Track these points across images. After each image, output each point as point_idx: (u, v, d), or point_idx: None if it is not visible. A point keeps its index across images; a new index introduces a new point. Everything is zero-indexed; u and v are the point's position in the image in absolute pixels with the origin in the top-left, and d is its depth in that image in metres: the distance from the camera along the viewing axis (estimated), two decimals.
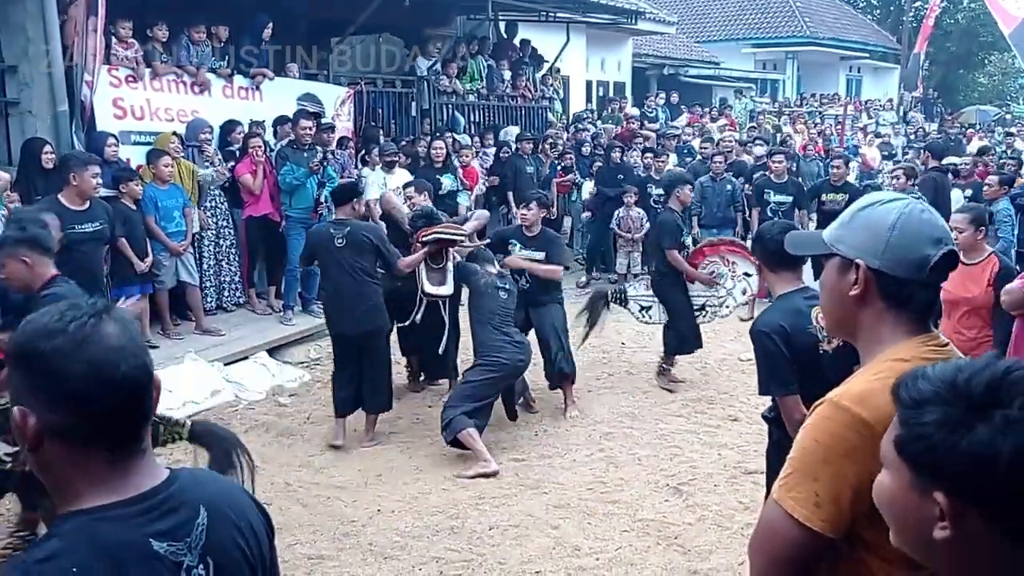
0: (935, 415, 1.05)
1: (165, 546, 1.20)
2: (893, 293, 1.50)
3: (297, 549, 4.11)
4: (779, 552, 1.46)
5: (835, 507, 1.41)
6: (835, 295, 1.57)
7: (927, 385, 1.08)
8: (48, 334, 1.17)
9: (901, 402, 1.10)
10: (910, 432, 1.07)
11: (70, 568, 1.13)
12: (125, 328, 1.22)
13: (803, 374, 2.96)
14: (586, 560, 4.07)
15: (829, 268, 1.58)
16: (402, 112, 10.96)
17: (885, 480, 1.13)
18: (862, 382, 1.47)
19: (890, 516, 1.14)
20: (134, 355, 1.20)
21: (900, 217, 1.49)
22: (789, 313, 3.04)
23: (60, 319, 1.18)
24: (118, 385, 1.17)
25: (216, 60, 8.41)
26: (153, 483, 1.24)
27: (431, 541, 4.25)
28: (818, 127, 17.54)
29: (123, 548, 1.17)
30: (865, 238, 1.51)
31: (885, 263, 1.49)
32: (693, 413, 6.14)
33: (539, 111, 13.03)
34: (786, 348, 3.00)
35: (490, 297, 5.41)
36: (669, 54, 21.64)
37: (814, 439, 1.45)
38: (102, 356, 1.17)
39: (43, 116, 6.96)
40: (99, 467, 1.20)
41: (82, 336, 1.17)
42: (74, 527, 1.17)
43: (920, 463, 1.06)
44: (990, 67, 31.94)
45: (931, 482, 1.05)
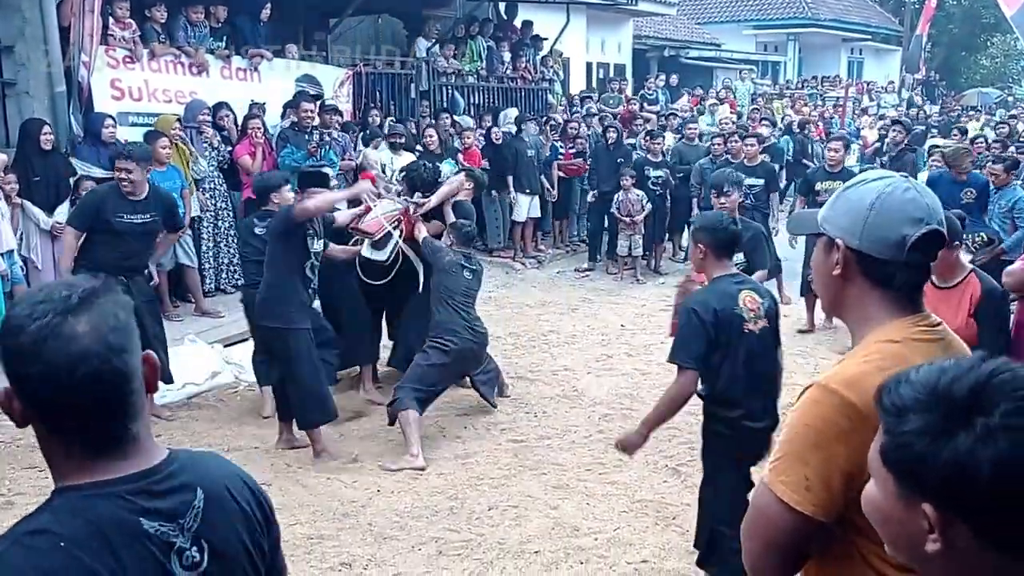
0: (917, 423, 1.00)
1: (156, 526, 1.19)
2: (874, 273, 1.49)
3: (297, 529, 4.13)
4: (771, 536, 1.46)
5: (826, 491, 1.40)
6: (821, 275, 1.57)
7: (909, 391, 1.03)
8: (13, 331, 1.15)
9: (884, 409, 1.05)
10: (893, 441, 1.02)
11: (59, 542, 1.13)
12: (99, 326, 1.16)
13: (728, 349, 3.32)
14: (584, 540, 4.09)
15: (818, 248, 1.58)
16: (401, 94, 10.92)
17: (872, 491, 1.09)
18: (852, 365, 1.46)
19: (880, 528, 1.09)
20: (98, 357, 1.15)
21: (879, 196, 1.48)
22: (721, 295, 3.36)
23: (28, 315, 1.15)
24: (75, 388, 1.14)
25: (214, 41, 8.37)
26: (150, 463, 1.23)
27: (430, 521, 4.27)
28: (819, 109, 17.48)
29: (113, 525, 1.16)
30: (847, 218, 1.51)
31: (864, 243, 1.48)
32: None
33: (539, 93, 12.97)
34: (712, 327, 3.30)
35: (453, 277, 5.27)
36: (670, 35, 21.56)
37: (804, 423, 1.44)
38: (59, 359, 1.13)
39: (40, 97, 6.94)
40: (78, 455, 1.19)
41: (43, 336, 1.13)
42: (65, 502, 1.17)
43: (904, 473, 1.01)
44: (992, 49, 31.76)
45: (917, 493, 1.00)
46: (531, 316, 8.21)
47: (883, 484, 1.06)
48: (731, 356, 3.33)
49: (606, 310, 8.54)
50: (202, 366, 6.17)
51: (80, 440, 1.18)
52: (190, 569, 1.22)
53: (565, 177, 10.81)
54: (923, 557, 1.02)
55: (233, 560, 1.29)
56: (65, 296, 1.16)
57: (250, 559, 1.32)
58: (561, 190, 10.78)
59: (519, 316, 8.19)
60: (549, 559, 3.92)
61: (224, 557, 1.27)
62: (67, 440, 1.19)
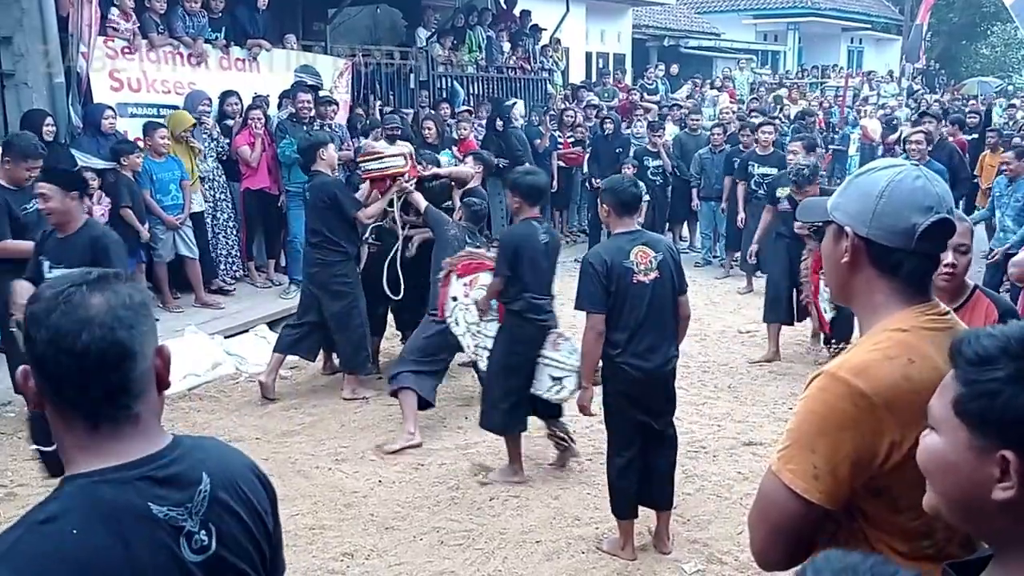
0: (1006, 370, 1.02)
1: (165, 510, 1.21)
2: (882, 261, 1.49)
3: (299, 520, 4.14)
4: (778, 523, 1.46)
5: (833, 479, 1.41)
6: (831, 262, 1.57)
7: (993, 342, 1.05)
8: (32, 299, 1.21)
9: (963, 359, 1.07)
10: (974, 390, 1.05)
11: (70, 530, 1.14)
12: (111, 300, 1.20)
13: (619, 298, 3.67)
14: (585, 530, 4.11)
15: (827, 235, 1.58)
16: (400, 84, 10.89)
17: (935, 442, 1.11)
18: (861, 353, 1.46)
19: (937, 478, 1.11)
20: (104, 327, 1.18)
21: (889, 184, 1.47)
22: (614, 250, 3.73)
23: (49, 286, 1.22)
24: (78, 355, 1.17)
25: (212, 31, 8.34)
26: (154, 448, 1.24)
27: (432, 512, 4.29)
28: (818, 99, 17.43)
29: (123, 511, 1.18)
30: (856, 206, 1.50)
31: (873, 231, 1.48)
32: (692, 384, 6.16)
33: (539, 83, 12.94)
34: (605, 277, 3.65)
35: (454, 250, 5.27)
36: (669, 25, 21.49)
37: (811, 411, 1.44)
38: (65, 325, 1.17)
39: (39, 88, 6.91)
40: (82, 432, 1.21)
41: (55, 304, 1.18)
42: (74, 490, 1.18)
43: (985, 421, 1.03)
44: (992, 38, 31.65)
45: (997, 441, 1.02)
46: None
47: (952, 435, 1.08)
48: (621, 302, 3.68)
49: None
50: (203, 357, 6.18)
51: (83, 415, 1.20)
52: (199, 552, 1.24)
53: (564, 167, 10.79)
54: (981, 507, 1.05)
55: (239, 544, 1.30)
56: (85, 273, 1.23)
57: (255, 543, 1.34)
58: (560, 180, 10.76)
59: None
60: (550, 549, 3.94)
61: (231, 541, 1.29)
62: (71, 416, 1.21)
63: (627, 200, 3.81)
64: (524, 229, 4.55)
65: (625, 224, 3.81)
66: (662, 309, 3.73)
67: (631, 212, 3.85)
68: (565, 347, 4.46)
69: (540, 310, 4.52)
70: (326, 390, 6.04)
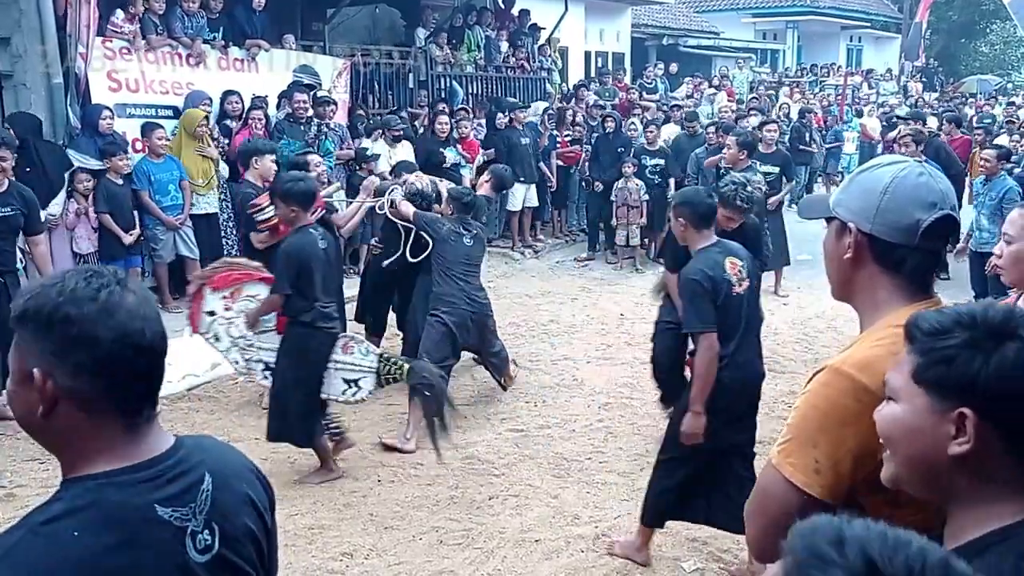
0: (960, 338, 1.12)
1: (170, 511, 1.21)
2: (885, 257, 1.49)
3: (298, 519, 4.14)
4: (776, 517, 1.46)
5: (834, 473, 1.41)
6: (832, 258, 1.57)
7: (946, 316, 1.15)
8: (77, 300, 1.17)
9: (919, 332, 1.16)
10: (931, 357, 1.14)
11: (73, 531, 1.14)
12: (144, 297, 1.24)
13: (722, 313, 3.53)
14: (585, 529, 4.10)
15: (829, 231, 1.58)
16: (399, 84, 10.88)
17: (895, 411, 1.19)
18: (864, 348, 1.46)
19: (898, 442, 1.19)
20: (157, 322, 1.24)
21: (893, 180, 1.48)
22: (712, 263, 3.58)
23: (88, 285, 1.19)
24: (144, 351, 1.20)
25: (210, 31, 8.34)
26: (160, 449, 1.25)
27: (431, 511, 4.28)
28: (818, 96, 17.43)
29: (128, 513, 1.18)
30: (859, 202, 1.50)
31: (876, 227, 1.48)
32: None
33: (538, 82, 12.92)
34: (712, 293, 3.51)
35: (452, 246, 5.31)
36: (668, 24, 21.47)
37: (814, 405, 1.45)
38: (130, 323, 1.19)
39: (37, 89, 6.91)
40: (113, 432, 1.21)
41: (112, 303, 1.19)
42: (79, 491, 1.18)
43: (942, 386, 1.13)
44: (992, 36, 31.61)
45: (955, 401, 1.11)
46: (531, 306, 8.21)
47: (911, 402, 1.17)
48: (723, 315, 3.54)
49: (606, 299, 8.54)
50: (202, 358, 6.16)
51: (123, 413, 1.21)
52: (203, 552, 1.24)
53: (563, 165, 10.79)
54: (939, 467, 1.15)
55: (240, 542, 1.31)
56: (113, 272, 1.24)
57: (255, 541, 1.35)
58: (559, 179, 10.76)
59: (519, 306, 8.18)
60: (550, 548, 3.94)
61: (233, 539, 1.29)
62: (109, 418, 1.20)
63: (704, 212, 3.68)
64: (301, 239, 4.35)
65: (705, 237, 3.69)
66: (752, 317, 3.68)
67: (709, 224, 3.73)
68: (357, 350, 4.47)
69: (329, 317, 4.49)
70: None
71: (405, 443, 4.96)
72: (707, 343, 3.50)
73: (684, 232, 3.72)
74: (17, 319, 1.20)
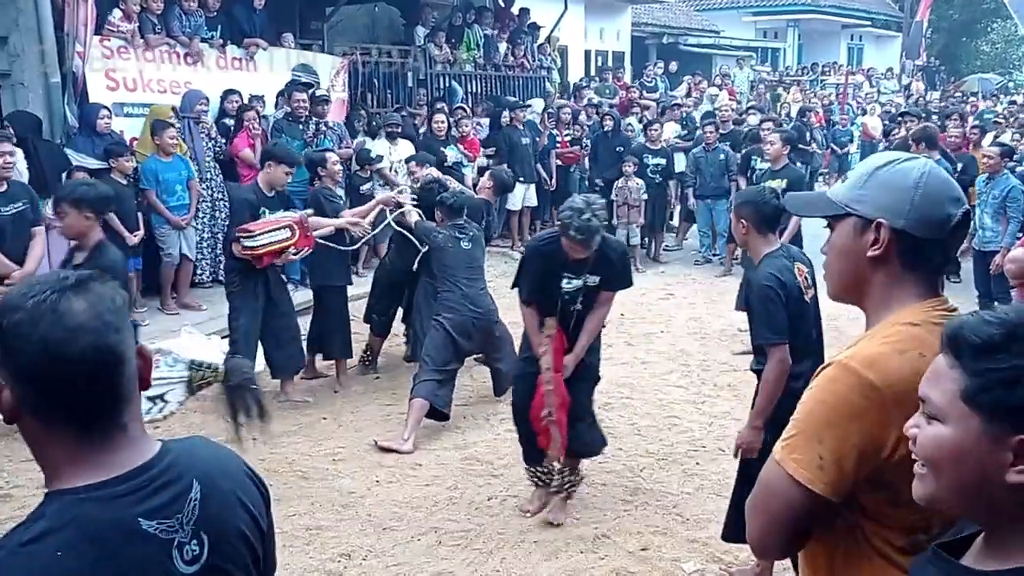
0: (1018, 358, 1.03)
1: (155, 524, 1.18)
2: (911, 254, 1.48)
3: (296, 520, 4.11)
4: (779, 513, 1.44)
5: (838, 470, 1.39)
6: (849, 256, 1.52)
7: (997, 329, 1.06)
8: (9, 310, 1.15)
9: (968, 347, 1.08)
10: (988, 379, 1.05)
11: (55, 551, 1.11)
12: (96, 304, 1.17)
13: (794, 321, 3.31)
14: (585, 529, 4.08)
15: (843, 229, 1.53)
16: (398, 83, 10.86)
17: (941, 433, 1.12)
18: (871, 345, 1.44)
19: (945, 467, 1.13)
20: (95, 332, 1.15)
21: (923, 176, 1.47)
22: (783, 269, 3.35)
23: (24, 294, 1.16)
24: (73, 362, 1.13)
25: (209, 30, 8.32)
26: (142, 459, 1.21)
27: (429, 511, 4.26)
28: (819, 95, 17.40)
29: (110, 528, 1.14)
30: (889, 198, 1.47)
31: (909, 223, 1.46)
32: (692, 383, 6.14)
33: (537, 81, 12.90)
34: (786, 300, 3.29)
35: (451, 252, 5.31)
36: (669, 23, 21.44)
37: (820, 401, 1.43)
38: (56, 334, 1.13)
39: (35, 88, 6.90)
40: (71, 444, 1.17)
41: (39, 313, 1.13)
42: (60, 507, 1.15)
43: (1000, 410, 1.05)
44: (993, 35, 31.56)
45: (1011, 428, 1.04)
46: None
47: (963, 425, 1.09)
48: (794, 325, 3.31)
49: None
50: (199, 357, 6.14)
51: (75, 426, 1.16)
52: (191, 563, 1.21)
53: (562, 165, 10.76)
54: (990, 492, 1.07)
55: (232, 548, 1.28)
56: (62, 278, 1.18)
57: (248, 545, 1.32)
58: (558, 178, 10.73)
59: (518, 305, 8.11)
60: (549, 548, 3.91)
61: (224, 546, 1.26)
62: (60, 429, 1.16)
63: (770, 214, 3.40)
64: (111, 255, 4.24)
65: (770, 241, 3.45)
66: (818, 325, 3.49)
67: (774, 227, 3.49)
68: (164, 362, 4.40)
69: None
70: (323, 391, 6.02)
71: (402, 444, 4.94)
72: (779, 356, 3.26)
73: (746, 236, 3.46)
74: None
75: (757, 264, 3.45)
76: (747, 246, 3.54)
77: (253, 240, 5.12)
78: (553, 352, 4.07)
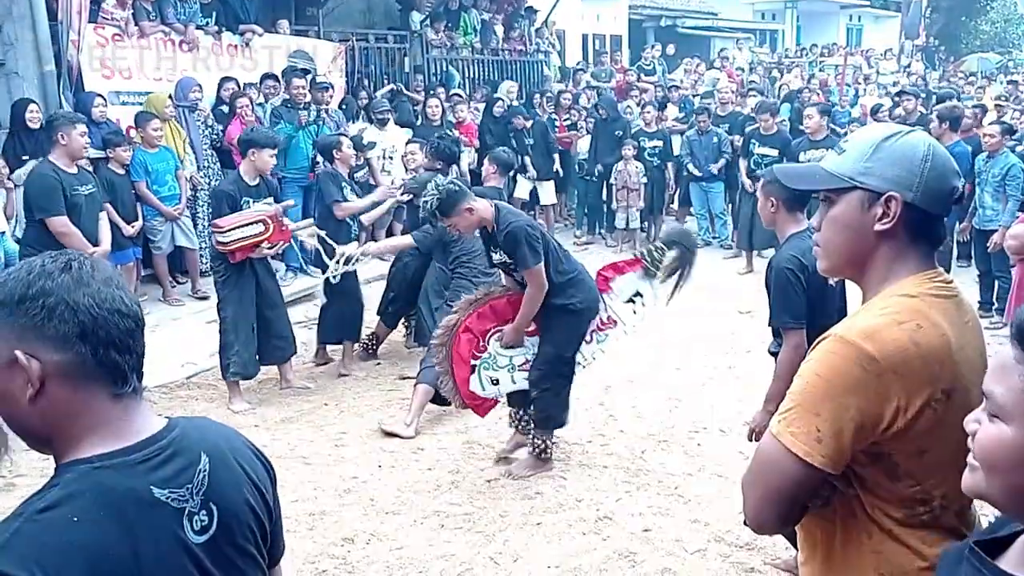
0: None
1: (167, 492, 1.20)
2: (917, 227, 1.48)
3: (298, 505, 4.12)
4: (776, 486, 1.43)
5: (836, 443, 1.38)
6: (854, 231, 1.50)
7: None
8: (49, 274, 1.18)
9: None
10: None
11: (71, 517, 1.12)
12: (113, 275, 1.25)
13: (814, 306, 3.21)
14: (587, 511, 4.09)
15: (847, 202, 1.50)
16: (394, 68, 10.81)
17: (1004, 434, 1.05)
18: (869, 317, 1.44)
19: (1005, 470, 1.05)
20: (130, 296, 1.24)
21: (930, 149, 1.47)
22: (806, 250, 3.15)
23: (55, 261, 1.19)
24: (124, 315, 1.20)
25: (203, 17, 8.27)
26: (152, 430, 1.24)
27: (432, 495, 4.27)
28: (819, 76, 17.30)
29: (125, 496, 1.16)
30: (896, 170, 1.46)
31: (918, 196, 1.46)
32: (692, 366, 6.15)
33: (535, 65, 12.84)
34: (806, 283, 3.20)
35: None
36: (666, 5, 21.32)
37: (816, 373, 1.42)
38: (105, 290, 1.20)
39: (29, 77, 6.86)
40: (103, 405, 1.20)
41: (84, 274, 1.19)
42: (75, 475, 1.16)
43: None
44: (992, 14, 31.36)
45: None
46: None
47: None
48: (816, 310, 3.23)
49: None
50: (201, 345, 6.15)
51: (109, 388, 1.20)
52: (201, 533, 1.24)
53: (561, 149, 10.72)
54: None
55: (240, 521, 1.30)
56: (78, 254, 1.24)
57: (256, 519, 1.34)
58: (561, 162, 10.68)
59: None
60: (552, 530, 3.92)
61: (231, 519, 1.28)
62: (93, 393, 1.19)
63: (801, 192, 3.29)
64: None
65: (797, 221, 3.33)
66: (843, 308, 3.34)
67: (803, 206, 3.39)
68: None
69: None
70: (325, 377, 6.03)
71: (405, 429, 4.95)
72: (795, 340, 3.19)
73: (774, 214, 3.34)
74: None
75: (781, 243, 3.38)
76: (774, 224, 3.41)
77: (224, 236, 5.10)
78: (474, 313, 4.34)
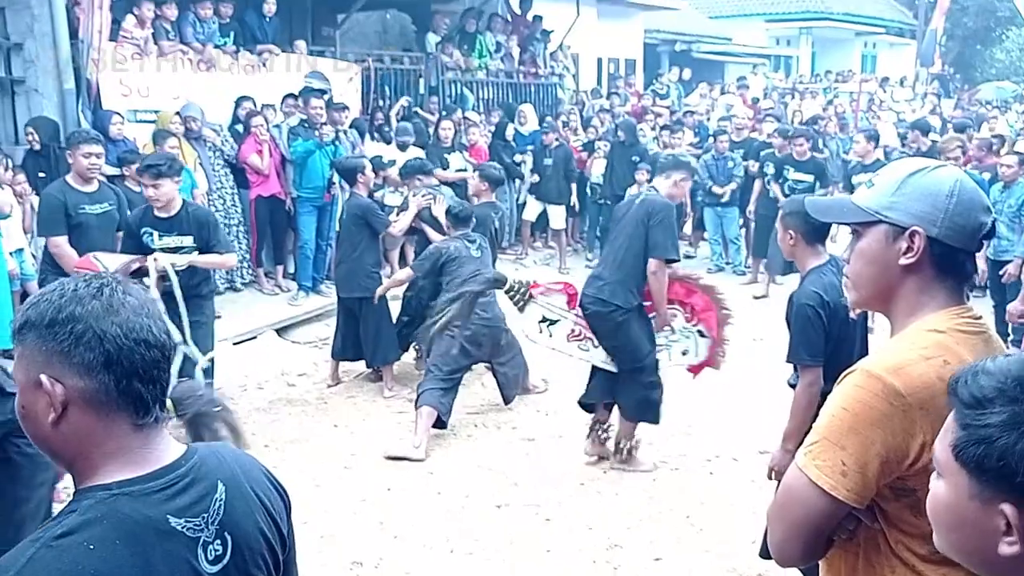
0: (1001, 415, 0.94)
1: (183, 522, 1.20)
2: (944, 262, 1.46)
3: (308, 528, 4.08)
4: (801, 520, 1.43)
5: (861, 477, 1.38)
6: (879, 264, 1.50)
7: (989, 381, 0.97)
8: (80, 299, 1.17)
9: (959, 400, 0.99)
10: (971, 435, 0.97)
11: (87, 544, 1.12)
12: (145, 300, 1.24)
13: (837, 342, 3.13)
14: (598, 538, 4.04)
15: (874, 236, 1.50)
16: (410, 89, 10.86)
17: (939, 489, 1.04)
18: (897, 352, 1.43)
19: (945, 528, 1.04)
20: (160, 323, 1.23)
21: (956, 184, 1.46)
22: (828, 286, 3.13)
23: (88, 286, 1.19)
24: (151, 346, 1.19)
25: (221, 37, 8.35)
26: (171, 458, 1.24)
27: (441, 519, 4.23)
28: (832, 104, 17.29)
29: (142, 524, 1.16)
30: (923, 206, 1.46)
31: (943, 231, 1.45)
32: (704, 393, 6.08)
33: (549, 88, 12.88)
34: (828, 320, 3.12)
35: (461, 262, 5.34)
36: (681, 30, 21.38)
37: (843, 407, 1.41)
38: (134, 319, 1.19)
39: (49, 94, 6.93)
40: (124, 433, 1.19)
41: (116, 301, 1.19)
42: (93, 502, 1.16)
43: (983, 469, 0.95)
44: (1007, 43, 31.36)
45: (996, 492, 0.94)
46: None
47: (954, 483, 1.00)
48: (838, 345, 3.15)
49: None
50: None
51: (132, 417, 1.19)
52: (214, 563, 1.23)
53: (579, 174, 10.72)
54: (994, 561, 0.96)
55: (254, 551, 1.29)
56: (112, 276, 1.25)
57: (270, 548, 1.33)
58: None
59: None
60: (561, 557, 3.88)
61: (244, 549, 1.28)
62: (115, 421, 1.18)
63: (819, 225, 3.13)
64: None
65: (819, 254, 3.24)
66: (864, 344, 3.26)
67: (823, 238, 3.28)
68: None
69: None
70: (335, 398, 6.00)
71: (414, 451, 4.92)
72: (811, 378, 3.12)
73: (794, 247, 3.27)
74: (18, 330, 1.19)
75: (802, 277, 3.30)
76: (794, 257, 3.34)
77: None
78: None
